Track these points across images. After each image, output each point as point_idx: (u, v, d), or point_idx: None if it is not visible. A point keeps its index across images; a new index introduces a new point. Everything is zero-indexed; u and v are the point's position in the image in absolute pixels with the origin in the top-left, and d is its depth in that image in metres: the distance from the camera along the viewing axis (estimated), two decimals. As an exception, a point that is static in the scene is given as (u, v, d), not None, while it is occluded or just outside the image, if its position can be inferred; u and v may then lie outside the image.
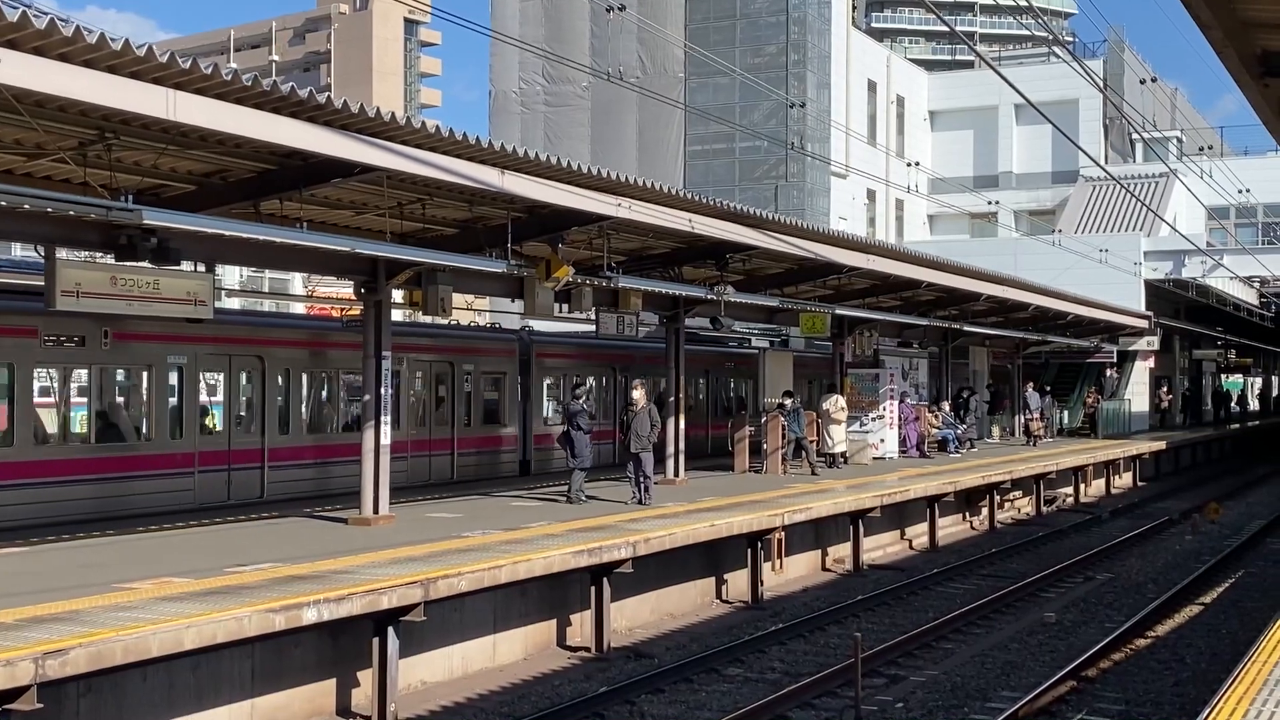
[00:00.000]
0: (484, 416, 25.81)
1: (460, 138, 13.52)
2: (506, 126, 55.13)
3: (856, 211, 55.01)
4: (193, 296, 15.82)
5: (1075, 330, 42.21)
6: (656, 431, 20.53)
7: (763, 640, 16.32)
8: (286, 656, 12.64)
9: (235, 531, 16.67)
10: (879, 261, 24.36)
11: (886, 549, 24.86)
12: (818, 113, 49.75)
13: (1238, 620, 18.00)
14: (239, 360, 20.45)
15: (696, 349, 28.79)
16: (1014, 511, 31.64)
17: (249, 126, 11.65)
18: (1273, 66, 11.56)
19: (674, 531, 16.99)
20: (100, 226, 13.24)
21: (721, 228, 19.09)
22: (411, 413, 23.77)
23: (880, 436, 30.93)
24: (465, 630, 14.83)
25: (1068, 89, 51.25)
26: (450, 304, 18.23)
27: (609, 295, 21.18)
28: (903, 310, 31.60)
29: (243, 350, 20.54)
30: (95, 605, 11.10)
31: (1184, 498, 36.38)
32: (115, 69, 10.39)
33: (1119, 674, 14.94)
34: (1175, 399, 53.38)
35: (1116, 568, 23.23)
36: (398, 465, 20.24)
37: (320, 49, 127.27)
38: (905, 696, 13.82)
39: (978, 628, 17.68)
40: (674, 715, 13.01)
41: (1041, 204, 60.62)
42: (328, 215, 16.92)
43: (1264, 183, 48.73)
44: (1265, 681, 9.48)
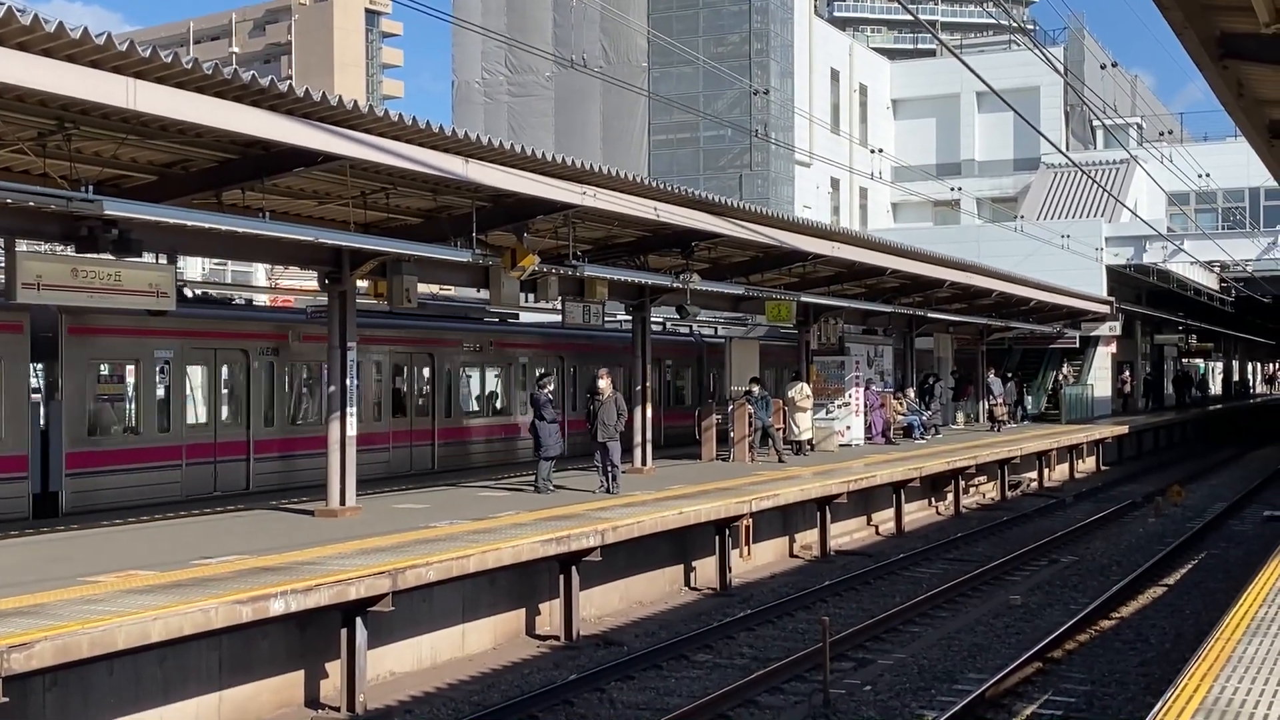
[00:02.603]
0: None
1: (424, 126, 13.46)
2: (470, 116, 54.96)
3: (820, 200, 55.16)
4: (154, 288, 15.68)
5: (1038, 316, 42.46)
6: (623, 420, 20.53)
7: (731, 626, 16.37)
8: (254, 648, 12.59)
9: (201, 524, 16.58)
10: (844, 249, 24.42)
11: (854, 535, 24.97)
12: (781, 101, 49.83)
13: (1201, 601, 18.18)
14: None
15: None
16: (979, 496, 31.83)
17: (210, 115, 11.56)
18: (1231, 48, 11.66)
19: (642, 520, 17.01)
20: (61, 218, 13.10)
21: (687, 216, 19.09)
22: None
23: (846, 423, 31.05)
24: (434, 620, 14.81)
25: (1029, 76, 51.51)
26: (415, 294, 18.17)
27: (575, 284, 21.15)
28: (867, 297, 31.71)
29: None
30: (60, 599, 11.02)
31: (1147, 481, 36.69)
32: (74, 58, 10.29)
33: (1084, 655, 15.06)
34: (1137, 384, 53.78)
35: (1081, 551, 23.41)
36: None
37: (281, 40, 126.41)
38: (873, 679, 13.90)
39: (944, 611, 17.79)
40: (644, 702, 13.03)
41: (1004, 191, 60.97)
42: (291, 205, 16.83)
43: (1224, 168, 49.10)
44: (1229, 660, 9.58)
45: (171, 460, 19.21)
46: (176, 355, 19.50)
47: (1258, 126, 15.65)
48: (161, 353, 19.34)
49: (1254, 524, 26.92)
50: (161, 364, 19.41)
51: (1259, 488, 34.37)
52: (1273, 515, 27.17)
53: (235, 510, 17.94)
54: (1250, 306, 52.64)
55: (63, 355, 17.79)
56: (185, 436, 19.33)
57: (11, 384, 16.92)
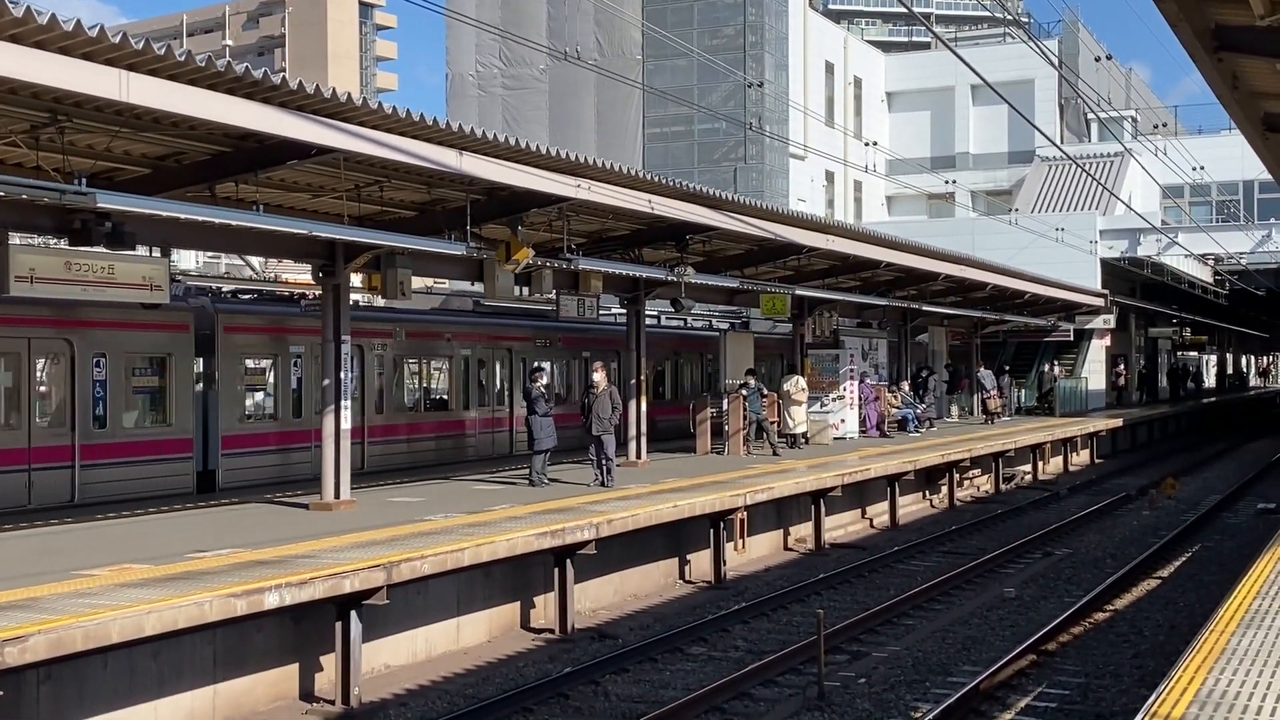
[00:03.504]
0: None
1: (418, 119, 13.43)
2: (464, 110, 54.89)
3: (815, 193, 55.14)
4: (148, 281, 15.68)
5: (1032, 309, 42.50)
6: (618, 414, 20.52)
7: (726, 619, 16.37)
8: (249, 642, 12.57)
9: (195, 518, 16.57)
10: (838, 242, 24.42)
11: (848, 528, 24.99)
12: (776, 94, 49.83)
13: (1195, 593, 18.20)
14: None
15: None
16: (973, 489, 31.84)
17: (203, 108, 11.53)
18: (1226, 40, 11.66)
19: (637, 513, 17.01)
20: (53, 211, 13.07)
21: (681, 209, 19.08)
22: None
23: (841, 417, 31.07)
24: (429, 613, 14.81)
25: (1024, 69, 51.58)
26: (409, 287, 18.15)
27: (569, 277, 21.14)
28: (862, 291, 31.71)
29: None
30: (54, 592, 11.01)
31: (1141, 474, 36.74)
32: (67, 50, 10.26)
33: (1078, 647, 15.08)
34: (1132, 377, 53.84)
35: (1075, 543, 23.43)
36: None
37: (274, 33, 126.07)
38: (868, 672, 13.91)
39: (939, 604, 17.80)
40: (638, 695, 13.03)
41: (998, 184, 60.99)
42: (284, 198, 16.79)
43: (1218, 161, 49.12)
44: (1224, 652, 9.59)
45: (303, 443, 21.19)
46: (306, 351, 21.65)
47: (1252, 119, 15.66)
48: (295, 348, 21.66)
49: (1248, 517, 26.95)
50: (295, 358, 21.72)
51: (1253, 480, 34.41)
52: (1266, 508, 27.21)
53: (231, 504, 17.93)
54: (1244, 299, 52.76)
55: (219, 350, 20.18)
56: (314, 423, 20.51)
57: (180, 376, 19.48)
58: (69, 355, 18.13)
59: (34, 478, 17.54)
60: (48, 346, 17.97)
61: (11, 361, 17.57)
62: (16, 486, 17.37)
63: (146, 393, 19.41)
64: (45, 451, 17.74)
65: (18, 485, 17.40)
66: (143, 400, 19.39)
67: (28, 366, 17.68)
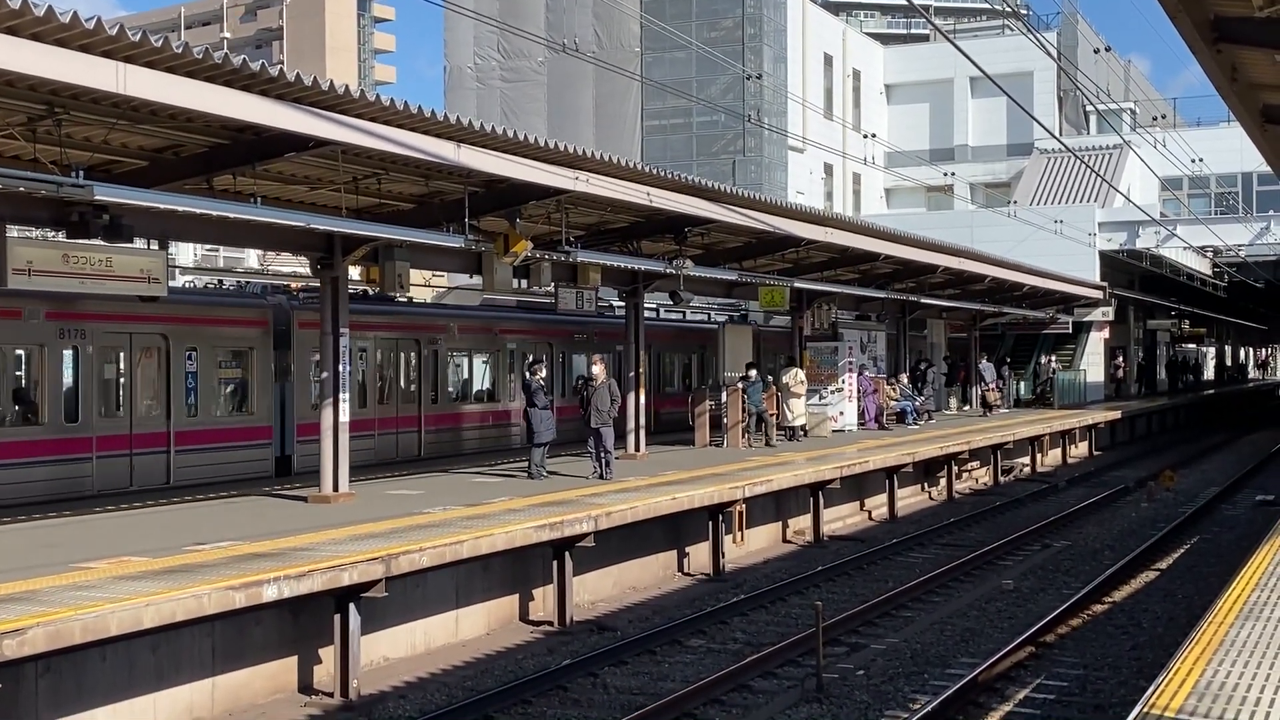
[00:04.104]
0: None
1: (415, 111, 13.41)
2: (462, 102, 54.83)
3: (814, 185, 55.09)
4: (146, 274, 15.67)
5: (1031, 302, 42.49)
6: (616, 406, 20.52)
7: (725, 611, 16.38)
8: (247, 634, 12.57)
9: (194, 510, 16.57)
10: (837, 234, 24.41)
11: (846, 520, 25.00)
12: (774, 86, 49.76)
13: (1193, 585, 18.21)
14: None
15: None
16: (972, 482, 31.86)
17: (200, 100, 11.51)
18: (1226, 32, 11.64)
19: (635, 505, 17.01)
20: (51, 203, 13.06)
21: (680, 201, 19.06)
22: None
23: (839, 409, 31.08)
24: (427, 606, 14.81)
25: (1022, 61, 51.46)
26: (408, 280, 18.14)
27: (568, 270, 21.12)
28: (861, 283, 31.71)
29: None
30: (53, 585, 11.01)
31: (1139, 466, 36.75)
32: (64, 42, 10.24)
33: (1077, 639, 15.09)
34: (1130, 369, 53.84)
35: (1073, 535, 23.44)
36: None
37: (272, 25, 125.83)
38: (866, 664, 13.92)
39: (937, 596, 17.81)
40: (637, 687, 13.04)
41: (997, 176, 60.95)
42: (282, 190, 16.77)
43: (1217, 153, 49.13)
44: (1222, 644, 9.60)
45: (367, 431, 22.89)
46: (371, 346, 23.54)
47: (1251, 111, 15.64)
48: (361, 344, 22.94)
49: (1246, 509, 26.97)
50: (360, 352, 23.05)
51: (1251, 472, 34.43)
52: (1265, 500, 27.23)
53: (227, 496, 17.93)
54: (1243, 291, 52.69)
55: (294, 345, 21.49)
56: (376, 412, 23.22)
57: (261, 368, 21.03)
58: (164, 349, 19.58)
59: (135, 462, 19.01)
60: (146, 341, 19.32)
61: (116, 355, 19.01)
62: (120, 470, 18.81)
63: (231, 384, 21.06)
64: (144, 438, 19.20)
65: (121, 469, 18.85)
66: (228, 391, 21.01)
67: (130, 359, 19.09)
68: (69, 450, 18.08)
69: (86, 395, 18.40)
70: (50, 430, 17.93)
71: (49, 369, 17.95)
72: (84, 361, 18.39)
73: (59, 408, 18.06)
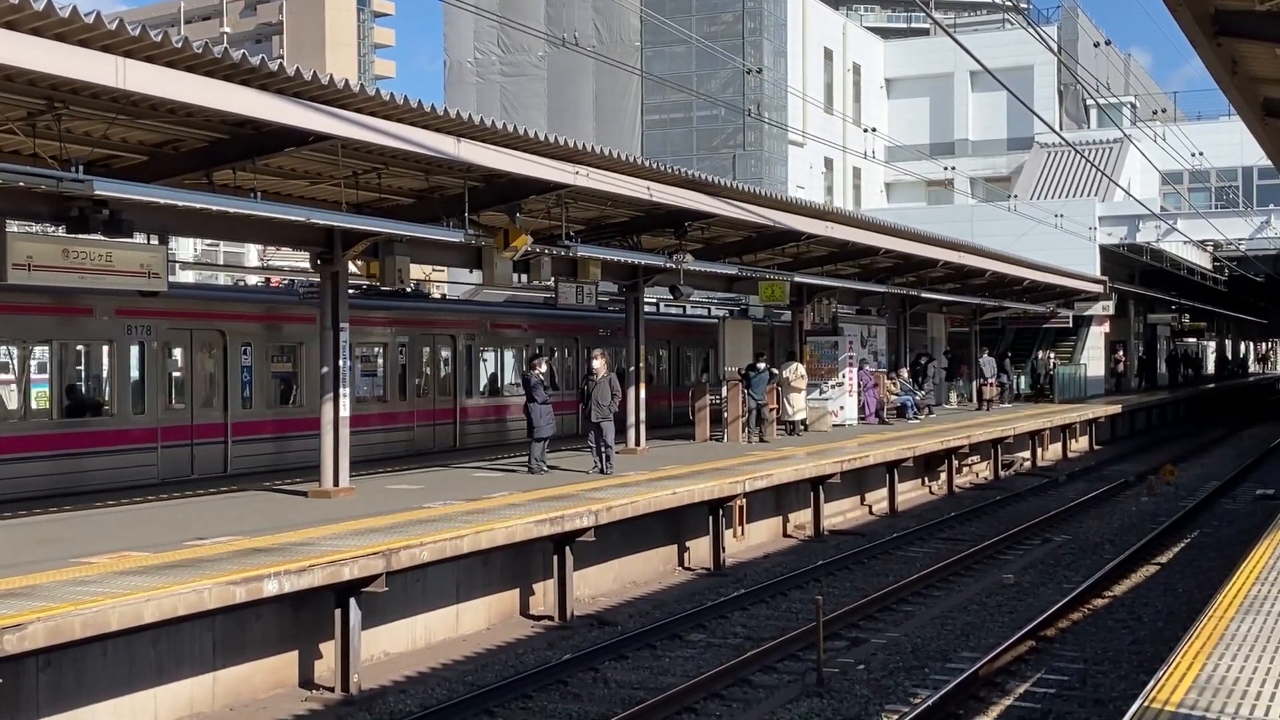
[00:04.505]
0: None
1: (415, 105, 13.40)
2: (462, 97, 54.74)
3: (814, 180, 55.02)
4: (146, 269, 15.67)
5: (1031, 296, 42.47)
6: (617, 401, 20.50)
7: (725, 606, 16.39)
8: (248, 629, 12.58)
9: (194, 505, 16.56)
10: (837, 229, 24.39)
11: (847, 514, 25.00)
12: (775, 81, 49.70)
13: (1193, 579, 18.21)
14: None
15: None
16: (972, 476, 31.86)
17: (200, 95, 11.50)
18: (1226, 25, 11.62)
19: (636, 500, 17.01)
20: (51, 198, 13.05)
21: (680, 195, 19.04)
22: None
23: (839, 403, 31.07)
24: (428, 600, 14.81)
25: (1023, 55, 51.35)
26: (408, 275, 18.12)
27: (568, 265, 21.11)
28: (861, 277, 31.69)
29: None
30: (53, 580, 11.01)
31: (1140, 460, 36.76)
32: (63, 37, 10.23)
33: (1077, 633, 15.09)
34: (1130, 363, 53.83)
35: (1074, 529, 23.45)
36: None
37: (272, 20, 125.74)
38: (867, 658, 13.92)
39: (938, 590, 17.82)
40: (638, 681, 13.04)
41: (997, 170, 60.84)
42: (282, 185, 16.76)
43: (1217, 146, 49.04)
44: (1223, 637, 9.60)
45: (407, 423, 24.32)
46: (409, 341, 24.57)
47: (1251, 104, 15.61)
48: (400, 338, 24.32)
49: (1246, 502, 26.98)
50: (400, 346, 24.32)
51: (1251, 466, 34.45)
52: (1265, 494, 27.23)
53: (228, 491, 17.93)
54: (1243, 285, 52.74)
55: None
56: (413, 405, 24.56)
57: (309, 362, 21.13)
58: (222, 344, 20.49)
59: (195, 452, 19.96)
60: (205, 337, 20.28)
61: (178, 350, 19.97)
62: (182, 460, 19.71)
63: (282, 377, 22.02)
64: (204, 429, 20.19)
65: (183, 459, 19.73)
66: (279, 384, 21.96)
67: (190, 354, 20.05)
68: (137, 440, 19.05)
69: (152, 388, 19.32)
70: (120, 421, 18.85)
71: (118, 363, 18.88)
72: (149, 356, 19.30)
73: (127, 400, 18.99)
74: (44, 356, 18.54)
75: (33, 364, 18.55)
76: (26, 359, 18.16)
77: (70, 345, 18.59)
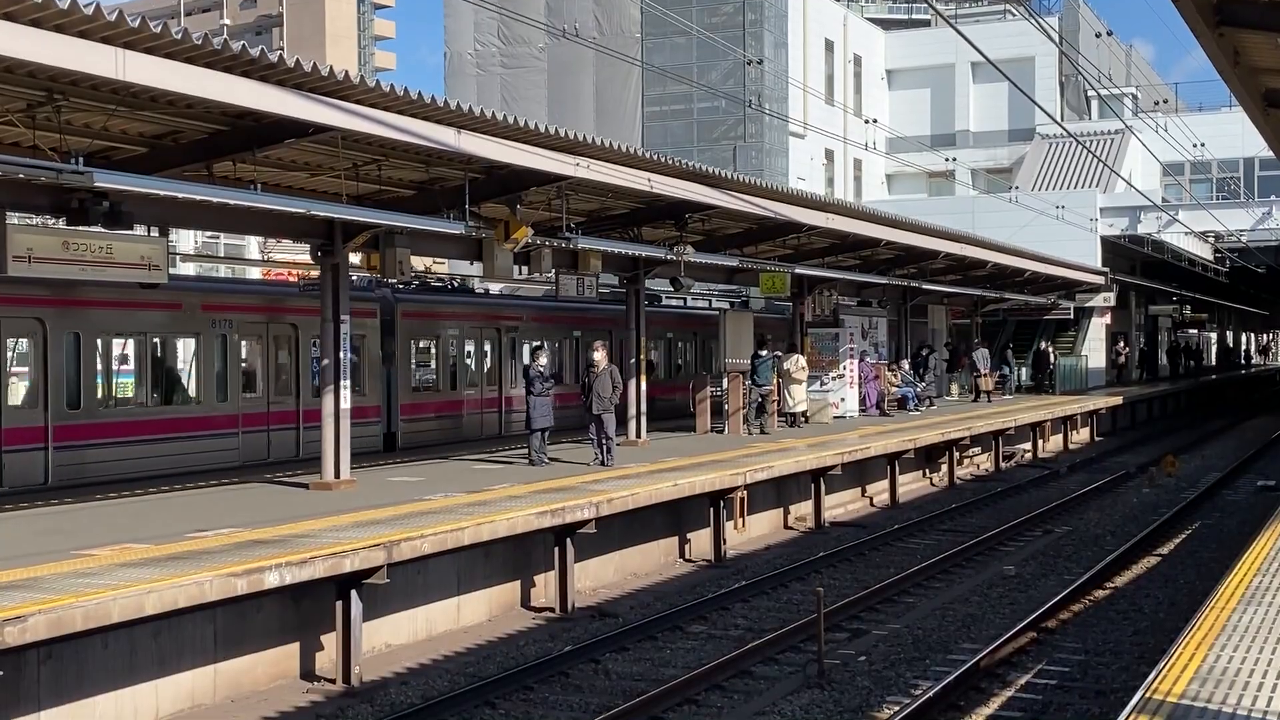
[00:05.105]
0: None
1: (415, 97, 13.37)
2: (463, 89, 54.64)
3: (815, 171, 54.95)
4: (146, 261, 15.66)
5: (1033, 287, 42.45)
6: (618, 393, 20.50)
7: (726, 598, 16.39)
8: (249, 621, 12.58)
9: (195, 497, 16.57)
10: (838, 220, 24.36)
11: (848, 506, 25.01)
12: (775, 72, 49.63)
13: (1195, 571, 18.22)
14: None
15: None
16: (973, 467, 31.86)
17: (200, 86, 11.47)
18: (1228, 15, 11.60)
19: (637, 491, 17.01)
20: (51, 190, 13.05)
21: (681, 187, 19.02)
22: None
23: (840, 395, 31.06)
24: (429, 592, 14.82)
25: (1024, 46, 51.28)
26: (409, 266, 18.10)
27: (568, 257, 21.09)
28: (862, 269, 31.66)
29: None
30: (55, 572, 11.01)
31: (1141, 452, 36.74)
32: (63, 28, 10.20)
33: (1079, 625, 15.10)
34: (1132, 354, 53.78)
35: (1075, 521, 23.45)
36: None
37: (272, 12, 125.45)
38: (868, 650, 13.93)
39: (938, 582, 17.82)
40: (639, 673, 13.05)
41: (998, 162, 60.75)
42: (282, 177, 16.72)
43: (1219, 138, 48.96)
44: (1224, 628, 9.60)
45: (456, 410, 25.75)
46: (459, 334, 26.00)
47: (1253, 95, 15.59)
48: (451, 331, 25.66)
49: (1248, 494, 26.98)
50: (451, 339, 25.79)
51: (1253, 458, 34.43)
52: (1266, 485, 27.23)
53: (230, 483, 17.94)
54: (1244, 277, 52.63)
55: (398, 333, 23.97)
56: (464, 394, 25.91)
57: (371, 354, 23.18)
58: (294, 337, 21.72)
59: (271, 438, 21.26)
60: (280, 330, 21.60)
61: (253, 342, 21.34)
62: (259, 444, 20.98)
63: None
64: (278, 415, 21.47)
65: (260, 444, 21.00)
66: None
67: (267, 346, 21.42)
68: (220, 426, 20.47)
69: (233, 378, 20.80)
70: (205, 408, 20.30)
71: (204, 354, 20.35)
72: (231, 348, 20.84)
73: (212, 388, 20.42)
74: (141, 348, 19.68)
75: (130, 355, 19.66)
76: (125, 350, 19.51)
77: (168, 339, 20.24)
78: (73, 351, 18.18)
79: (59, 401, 17.83)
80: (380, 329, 23.63)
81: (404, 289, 25.09)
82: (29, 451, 17.39)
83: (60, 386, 17.89)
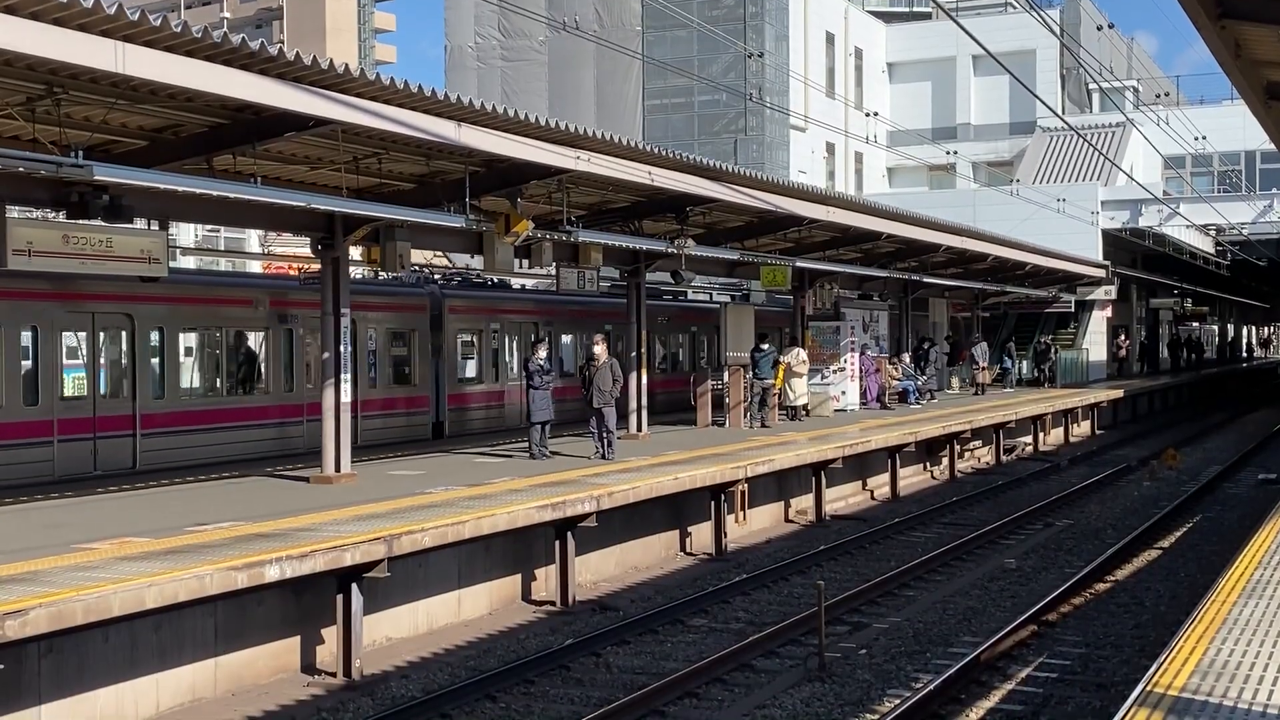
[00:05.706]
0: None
1: (415, 90, 13.35)
2: (463, 82, 54.60)
3: (816, 165, 54.90)
4: (147, 254, 15.65)
5: (1034, 280, 42.41)
6: (619, 386, 20.48)
7: (727, 591, 16.40)
8: (250, 614, 12.59)
9: (195, 491, 16.57)
10: (839, 213, 24.33)
11: (849, 499, 25.00)
12: (776, 65, 49.58)
13: (1195, 564, 18.22)
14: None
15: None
16: (974, 461, 31.86)
17: (200, 80, 11.46)
18: (1229, 8, 11.56)
19: (637, 485, 17.00)
20: (51, 184, 13.03)
21: (682, 180, 19.00)
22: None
23: (841, 389, 31.04)
24: (430, 586, 14.82)
25: (1025, 39, 51.26)
26: (409, 260, 18.08)
27: (569, 250, 21.08)
28: (863, 263, 31.63)
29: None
30: (55, 566, 11.01)
31: (1142, 445, 36.75)
32: (62, 21, 10.18)
33: (1079, 618, 15.10)
34: (1133, 348, 53.77)
35: (1076, 514, 23.45)
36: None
37: (272, 5, 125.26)
38: (868, 643, 13.93)
39: (939, 575, 17.82)
40: (639, 666, 13.05)
41: (999, 155, 60.66)
42: (282, 170, 16.72)
43: (1220, 131, 48.87)
44: (1225, 621, 9.60)
45: (498, 401, 26.54)
46: (501, 327, 26.78)
47: (1255, 87, 15.55)
48: (493, 325, 26.45)
49: (1249, 487, 26.98)
50: (493, 332, 26.52)
51: (1254, 451, 34.43)
52: (1267, 478, 27.23)
53: (230, 477, 17.93)
54: (1245, 270, 52.65)
55: (445, 326, 24.84)
56: (504, 384, 26.63)
57: (420, 346, 24.30)
58: (352, 331, 21.50)
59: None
60: None
61: (316, 336, 20.78)
62: (320, 433, 20.69)
63: (400, 360, 24.24)
64: None
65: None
66: (397, 366, 24.16)
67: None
68: (288, 415, 21.47)
69: (299, 370, 21.74)
70: (274, 398, 21.38)
71: (272, 347, 21.44)
72: (296, 341, 21.71)
73: (280, 379, 21.53)
74: (219, 342, 20.89)
75: (205, 348, 20.77)
76: (203, 344, 20.65)
77: (241, 333, 21.28)
78: (158, 344, 19.40)
79: (145, 391, 18.94)
80: (429, 322, 24.59)
81: (450, 285, 26.41)
82: (119, 438, 18.51)
83: (147, 377, 19.05)
